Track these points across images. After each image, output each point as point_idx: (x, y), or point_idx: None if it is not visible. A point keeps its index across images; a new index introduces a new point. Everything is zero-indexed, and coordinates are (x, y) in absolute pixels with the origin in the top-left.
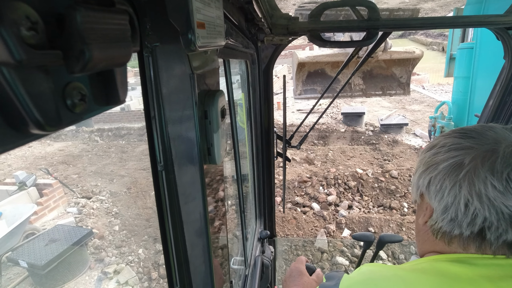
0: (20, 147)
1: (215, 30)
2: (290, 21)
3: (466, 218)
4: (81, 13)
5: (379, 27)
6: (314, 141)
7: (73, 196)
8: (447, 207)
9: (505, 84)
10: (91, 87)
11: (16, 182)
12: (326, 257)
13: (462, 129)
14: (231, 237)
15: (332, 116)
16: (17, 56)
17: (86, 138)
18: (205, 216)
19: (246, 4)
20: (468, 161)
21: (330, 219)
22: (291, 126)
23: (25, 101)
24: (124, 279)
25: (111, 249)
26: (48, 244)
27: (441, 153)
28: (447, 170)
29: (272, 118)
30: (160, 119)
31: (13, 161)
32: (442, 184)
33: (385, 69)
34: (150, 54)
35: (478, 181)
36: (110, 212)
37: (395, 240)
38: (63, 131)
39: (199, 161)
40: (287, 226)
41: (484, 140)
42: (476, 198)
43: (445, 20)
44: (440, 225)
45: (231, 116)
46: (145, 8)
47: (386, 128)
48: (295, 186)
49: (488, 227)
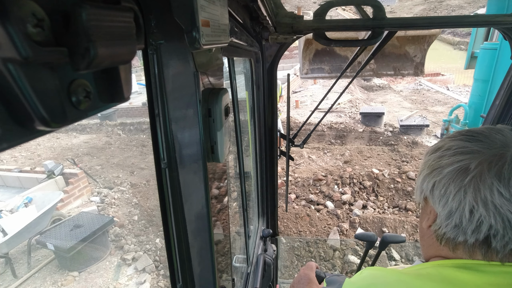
0: (25, 143)
1: (219, 28)
2: (295, 20)
3: (471, 225)
4: (87, 10)
5: (385, 26)
6: (331, 140)
7: (96, 186)
8: (451, 213)
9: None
10: (96, 84)
11: (45, 171)
12: (338, 255)
13: (469, 131)
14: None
15: (351, 115)
16: (23, 53)
17: (109, 132)
18: (207, 214)
19: (251, 2)
20: (474, 166)
21: (343, 218)
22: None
23: (31, 97)
24: (141, 266)
25: (130, 237)
26: (73, 230)
27: (446, 156)
28: (452, 175)
29: (275, 116)
30: (164, 116)
31: (43, 151)
32: (447, 189)
33: (398, 47)
34: (154, 52)
35: (484, 187)
36: (130, 202)
37: (398, 241)
38: (88, 124)
39: (202, 159)
40: (300, 223)
41: (492, 144)
42: (481, 204)
43: (451, 19)
44: (444, 231)
45: (235, 114)
46: (150, 6)
47: (406, 129)
48: (310, 184)
49: (493, 235)
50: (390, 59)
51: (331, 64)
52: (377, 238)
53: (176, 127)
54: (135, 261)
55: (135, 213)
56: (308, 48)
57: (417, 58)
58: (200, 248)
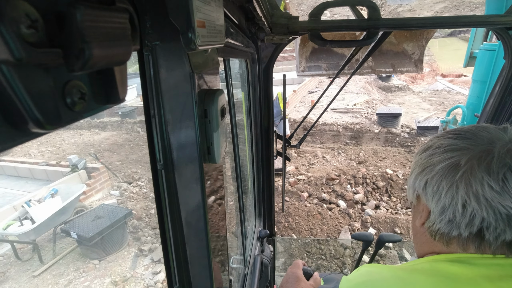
0: (19, 145)
1: (215, 29)
2: (290, 21)
3: (464, 219)
4: (81, 11)
5: (380, 26)
6: (346, 141)
7: (116, 180)
8: (445, 208)
9: (505, 84)
10: (91, 85)
11: (69, 165)
12: (348, 253)
13: (457, 130)
14: (231, 236)
15: (367, 116)
16: (17, 54)
17: (129, 129)
18: (204, 215)
19: (247, 3)
20: (464, 162)
21: (355, 217)
22: (324, 125)
23: (25, 99)
24: (157, 257)
25: (147, 230)
26: (95, 220)
27: (437, 154)
28: (443, 171)
29: (272, 117)
30: (160, 118)
31: (67, 147)
32: (439, 186)
33: (395, 45)
34: (150, 53)
35: (475, 182)
36: (148, 197)
37: (394, 240)
38: (109, 121)
39: (198, 160)
40: (311, 220)
41: (479, 140)
42: (473, 198)
43: (445, 20)
44: (438, 227)
45: (231, 115)
46: (146, 6)
47: (423, 131)
48: (323, 183)
49: (486, 228)
50: (388, 57)
51: (328, 62)
52: (373, 238)
53: (172, 129)
54: (151, 252)
55: (152, 207)
56: (304, 46)
57: (415, 55)
58: (197, 250)
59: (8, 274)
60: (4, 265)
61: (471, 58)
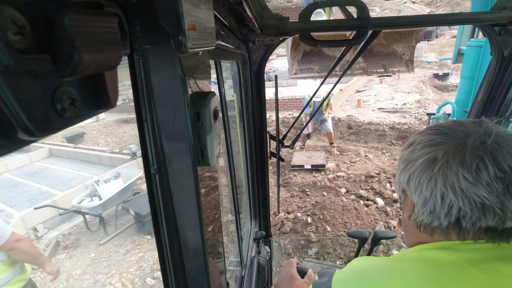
0: (8, 154)
1: (205, 32)
2: (281, 22)
3: (443, 209)
4: (69, 16)
5: (369, 26)
6: (392, 141)
7: None
8: (426, 201)
9: (493, 79)
10: (81, 91)
11: (129, 153)
12: (382, 249)
13: (436, 125)
14: (227, 238)
15: (417, 116)
16: (4, 61)
17: None
18: (199, 218)
19: (237, 5)
20: (441, 156)
21: (392, 215)
22: (369, 124)
23: (13, 107)
24: None
25: None
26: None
27: (417, 150)
28: (423, 166)
29: (264, 118)
30: (152, 122)
31: (128, 138)
32: (420, 179)
33: (385, 46)
34: (140, 57)
35: (451, 174)
36: None
37: (389, 236)
38: None
39: (192, 163)
40: (346, 214)
41: (455, 135)
42: (450, 190)
43: (432, 18)
44: (421, 218)
45: (224, 117)
46: (135, 10)
47: None
48: (362, 180)
49: (463, 217)
50: (379, 58)
51: (320, 64)
52: (369, 235)
53: (164, 132)
54: None
55: None
56: (296, 50)
57: (405, 56)
58: (193, 253)
59: (80, 241)
60: (77, 234)
61: (459, 55)
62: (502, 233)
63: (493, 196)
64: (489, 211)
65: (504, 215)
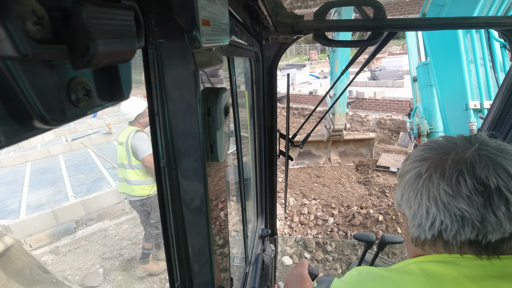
0: (24, 140)
1: (219, 28)
2: (295, 20)
3: (428, 223)
4: (87, 8)
5: (385, 27)
6: None
7: None
8: (415, 215)
9: (511, 85)
10: (96, 82)
11: None
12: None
13: (429, 141)
14: (232, 235)
15: None
16: (22, 51)
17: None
18: (206, 213)
19: (252, 1)
20: (425, 170)
21: None
22: None
23: (30, 95)
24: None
25: None
26: None
27: (407, 165)
28: (411, 181)
29: (275, 116)
30: (164, 115)
31: None
32: (409, 194)
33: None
34: (154, 51)
35: (432, 188)
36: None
37: (396, 241)
38: None
39: (201, 158)
40: None
41: (440, 150)
42: (433, 203)
43: (451, 20)
44: (412, 232)
45: (234, 114)
46: (150, 4)
47: None
48: None
49: (444, 229)
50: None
51: None
52: (375, 239)
53: (175, 126)
54: None
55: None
56: None
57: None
58: (199, 247)
59: None
60: None
61: (415, 82)
62: (488, 248)
63: (473, 209)
64: (468, 224)
65: (484, 228)
